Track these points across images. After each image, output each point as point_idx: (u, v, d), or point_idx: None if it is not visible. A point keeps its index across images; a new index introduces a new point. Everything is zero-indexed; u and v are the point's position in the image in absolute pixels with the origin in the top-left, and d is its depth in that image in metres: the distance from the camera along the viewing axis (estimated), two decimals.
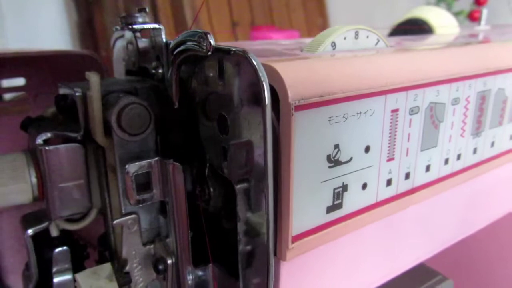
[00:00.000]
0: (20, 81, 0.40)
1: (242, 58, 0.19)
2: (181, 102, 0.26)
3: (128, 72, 0.33)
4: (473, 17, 1.17)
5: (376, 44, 0.28)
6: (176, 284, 0.26)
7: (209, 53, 0.20)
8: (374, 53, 0.25)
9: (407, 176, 0.26)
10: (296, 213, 0.21)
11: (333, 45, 0.26)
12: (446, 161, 0.29)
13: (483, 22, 0.60)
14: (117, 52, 0.34)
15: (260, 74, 0.18)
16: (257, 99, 0.19)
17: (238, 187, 0.22)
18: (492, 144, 0.32)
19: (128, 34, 0.31)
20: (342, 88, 0.21)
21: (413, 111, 0.25)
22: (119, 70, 0.34)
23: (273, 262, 0.21)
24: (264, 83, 0.18)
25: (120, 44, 0.33)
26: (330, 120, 0.21)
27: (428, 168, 0.27)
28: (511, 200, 0.38)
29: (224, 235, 0.27)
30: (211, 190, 0.26)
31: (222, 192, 0.26)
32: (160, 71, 0.27)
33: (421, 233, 0.30)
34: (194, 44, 0.21)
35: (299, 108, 0.19)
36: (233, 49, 0.20)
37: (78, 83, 0.28)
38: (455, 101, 0.27)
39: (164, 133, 0.27)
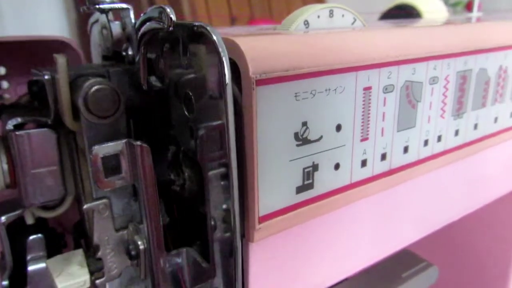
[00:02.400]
0: (1, 71, 0.40)
1: (202, 33, 0.19)
2: (152, 84, 0.26)
3: (104, 58, 0.32)
4: (470, 7, 1.15)
5: (353, 23, 0.27)
6: (149, 269, 0.26)
7: (170, 28, 0.20)
8: (347, 30, 0.25)
9: (383, 157, 0.26)
10: (263, 192, 0.20)
11: (306, 23, 0.25)
12: (426, 143, 0.28)
13: (475, 8, 0.59)
14: (93, 38, 0.33)
15: (220, 48, 0.18)
16: (219, 75, 0.19)
17: (210, 173, 0.22)
18: (475, 126, 0.32)
19: (102, 18, 0.30)
20: (308, 63, 0.20)
21: (387, 90, 0.24)
22: (96, 56, 0.34)
23: (239, 243, 0.20)
24: (223, 57, 0.18)
25: (95, 29, 0.32)
26: (296, 96, 0.20)
27: (406, 150, 0.27)
28: (496, 185, 0.37)
29: (200, 220, 0.26)
30: (186, 174, 0.26)
31: (197, 176, 0.25)
32: (130, 53, 0.26)
33: (401, 218, 0.29)
34: (156, 21, 0.21)
35: (261, 82, 0.19)
36: (195, 24, 0.19)
37: (49, 68, 0.27)
38: (433, 80, 0.27)
39: (137, 117, 0.27)
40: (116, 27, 0.29)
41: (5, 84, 0.40)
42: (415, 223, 0.30)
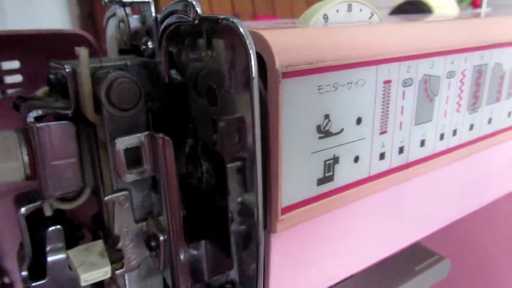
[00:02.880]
0: (15, 64, 0.40)
1: (229, 26, 0.19)
2: (172, 77, 0.26)
3: (121, 51, 0.32)
4: (475, 4, 1.15)
5: (370, 18, 0.27)
6: (168, 261, 0.26)
7: (196, 21, 0.20)
8: (367, 24, 0.25)
9: (401, 150, 0.26)
10: (285, 184, 0.21)
11: (325, 17, 0.25)
12: (442, 137, 0.28)
13: (484, 4, 0.59)
14: (109, 32, 0.33)
15: (247, 41, 0.18)
16: (245, 68, 0.19)
17: (230, 166, 0.22)
18: (490, 121, 0.32)
19: (119, 12, 0.30)
20: (331, 56, 0.20)
21: (406, 83, 0.24)
22: (112, 50, 0.34)
23: (262, 234, 0.21)
24: (250, 50, 0.18)
25: (112, 23, 0.33)
26: (319, 89, 0.20)
27: (423, 143, 0.27)
28: (510, 180, 0.37)
29: (218, 213, 0.27)
30: (204, 167, 0.26)
31: (215, 169, 0.26)
32: (150, 46, 0.27)
33: (417, 211, 0.29)
34: (181, 14, 0.21)
35: (287, 75, 0.19)
36: (221, 17, 0.20)
37: (69, 60, 0.28)
38: (450, 75, 0.27)
39: (156, 110, 0.27)
40: (134, 21, 0.29)
41: (19, 78, 0.40)
42: (429, 216, 0.31)
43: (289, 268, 0.23)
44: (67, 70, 0.26)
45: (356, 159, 0.23)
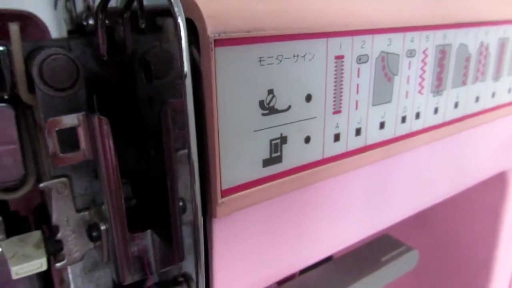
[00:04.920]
0: None
1: None
2: (114, 55, 0.24)
3: (69, 33, 0.30)
4: None
5: None
6: (112, 251, 0.24)
7: None
8: None
9: (358, 132, 0.24)
10: (226, 164, 0.19)
11: None
12: (403, 119, 0.27)
13: None
14: (58, 13, 0.32)
15: (175, 6, 0.16)
16: (176, 37, 0.17)
17: (170, 149, 0.20)
18: (456, 105, 0.31)
19: None
20: (274, 25, 0.19)
21: (361, 60, 0.23)
22: (63, 33, 0.32)
23: (201, 219, 0.19)
24: (178, 16, 0.16)
25: (60, 4, 0.31)
26: (261, 61, 0.19)
27: (382, 125, 0.26)
28: (479, 168, 0.36)
29: (166, 200, 0.25)
30: (152, 153, 0.24)
31: (161, 155, 0.24)
32: (91, 22, 0.25)
33: (377, 198, 0.28)
34: None
35: (221, 43, 0.17)
36: None
37: (5, 40, 0.26)
38: (411, 53, 0.26)
39: (101, 91, 0.25)
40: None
41: None
42: (391, 204, 0.29)
43: (236, 257, 0.22)
44: (0, 49, 0.24)
45: (307, 140, 0.22)
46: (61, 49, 0.23)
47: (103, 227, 0.24)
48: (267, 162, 0.21)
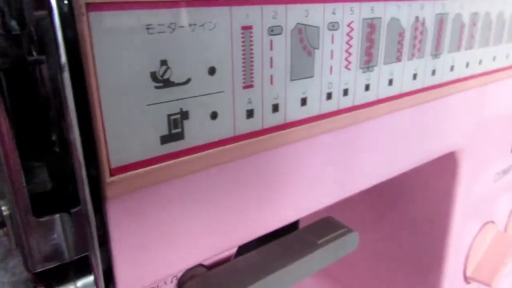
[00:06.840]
0: None
1: None
2: (11, 29, 0.22)
3: None
4: None
5: None
6: (18, 238, 0.23)
7: None
8: None
9: (276, 108, 0.23)
10: (115, 139, 0.18)
11: None
12: (329, 96, 0.26)
13: None
14: None
15: None
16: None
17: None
18: (390, 82, 0.30)
19: None
20: None
21: (273, 31, 0.22)
22: None
23: (89, 200, 0.18)
24: None
25: None
26: (149, 29, 0.17)
27: (304, 102, 0.25)
28: (414, 150, 0.36)
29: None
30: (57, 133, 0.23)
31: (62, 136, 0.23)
32: None
33: (298, 181, 0.27)
34: None
35: (95, 7, 0.16)
36: None
37: None
38: (333, 26, 0.24)
39: (10, 68, 0.24)
40: None
41: None
42: (319, 187, 0.28)
43: (137, 241, 0.21)
44: None
45: (214, 116, 0.21)
46: None
47: (5, 213, 0.23)
48: (166, 139, 0.19)
